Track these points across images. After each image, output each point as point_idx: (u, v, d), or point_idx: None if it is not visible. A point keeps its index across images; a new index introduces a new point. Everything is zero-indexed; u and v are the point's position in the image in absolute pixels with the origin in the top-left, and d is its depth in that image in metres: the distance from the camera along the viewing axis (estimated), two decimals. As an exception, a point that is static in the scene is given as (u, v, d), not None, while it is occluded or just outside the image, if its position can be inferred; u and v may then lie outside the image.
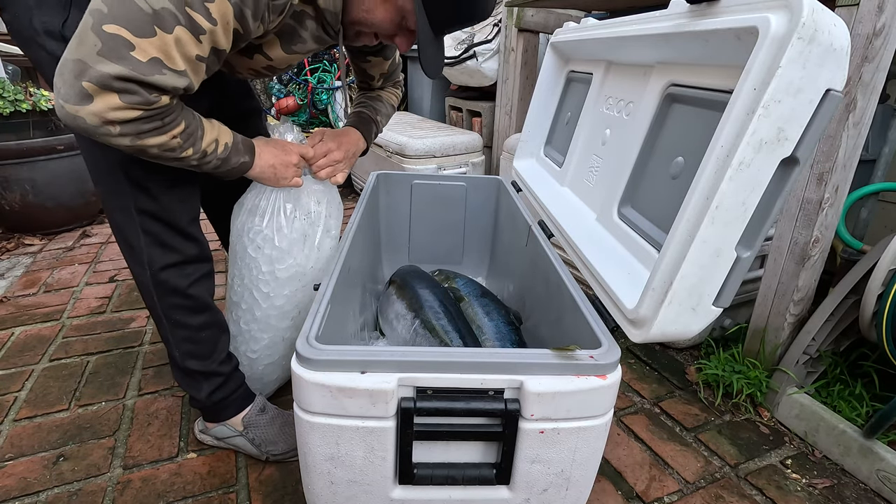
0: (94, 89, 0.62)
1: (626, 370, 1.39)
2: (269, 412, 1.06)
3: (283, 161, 0.91)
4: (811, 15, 0.48)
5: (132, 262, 0.90)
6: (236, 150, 0.83)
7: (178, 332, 0.95)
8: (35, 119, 2.11)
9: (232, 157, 0.82)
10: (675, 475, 1.06)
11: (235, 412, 1.03)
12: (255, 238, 0.99)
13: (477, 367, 0.62)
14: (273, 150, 0.90)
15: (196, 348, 0.96)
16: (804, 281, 1.18)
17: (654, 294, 0.61)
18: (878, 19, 0.96)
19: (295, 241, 1.01)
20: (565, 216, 1.02)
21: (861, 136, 1.07)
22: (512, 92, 2.26)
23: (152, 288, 0.90)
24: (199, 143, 0.76)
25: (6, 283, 1.81)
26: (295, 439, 1.00)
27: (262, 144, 0.89)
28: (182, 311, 0.93)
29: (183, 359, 0.96)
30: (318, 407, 0.61)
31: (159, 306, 0.92)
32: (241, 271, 1.03)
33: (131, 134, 0.67)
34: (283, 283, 1.02)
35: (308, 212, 1.01)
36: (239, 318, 1.07)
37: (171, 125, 0.71)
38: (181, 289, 0.91)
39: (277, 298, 1.03)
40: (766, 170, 0.54)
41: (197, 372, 0.97)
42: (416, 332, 1.11)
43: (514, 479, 0.67)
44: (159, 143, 0.71)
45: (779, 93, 0.50)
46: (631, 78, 0.97)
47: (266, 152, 0.89)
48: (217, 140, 0.79)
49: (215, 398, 1.00)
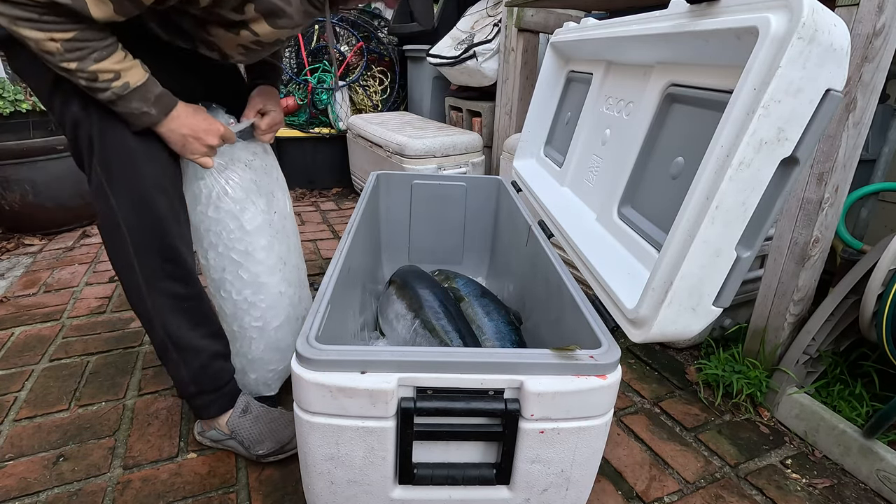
0: None
1: (626, 370, 1.39)
2: (253, 411, 1.04)
3: (198, 136, 0.88)
4: (811, 15, 0.48)
5: (109, 227, 0.88)
6: (143, 97, 0.79)
7: (161, 301, 0.92)
8: (35, 119, 2.11)
9: (133, 102, 0.79)
10: (675, 475, 1.06)
11: (219, 411, 1.02)
12: (210, 197, 0.98)
13: (477, 367, 0.62)
14: (194, 123, 0.87)
15: (179, 319, 0.94)
16: (804, 281, 1.18)
17: (654, 294, 0.61)
18: (878, 19, 0.96)
19: (249, 189, 1.01)
20: (565, 216, 1.02)
21: (861, 136, 1.07)
22: (512, 92, 2.26)
23: (133, 256, 0.88)
24: (89, 63, 0.72)
25: (6, 283, 1.81)
26: (282, 436, 1.01)
27: (186, 111, 0.86)
28: (166, 276, 0.91)
29: (165, 332, 0.93)
30: (318, 407, 0.61)
31: (140, 275, 0.89)
32: (212, 241, 1.01)
33: (6, 15, 0.66)
34: (255, 234, 1.01)
35: (247, 162, 1.02)
36: (230, 291, 1.04)
37: (50, 26, 0.68)
38: (164, 249, 0.90)
39: (258, 252, 1.02)
40: (766, 170, 0.54)
41: (180, 346, 0.95)
42: (416, 332, 1.11)
43: (514, 479, 0.67)
44: (34, 38, 0.68)
45: (779, 93, 0.50)
46: (631, 78, 0.97)
47: (185, 120, 0.86)
48: (118, 74, 0.75)
49: (193, 390, 0.99)
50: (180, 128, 0.86)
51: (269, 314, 1.07)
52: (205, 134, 0.88)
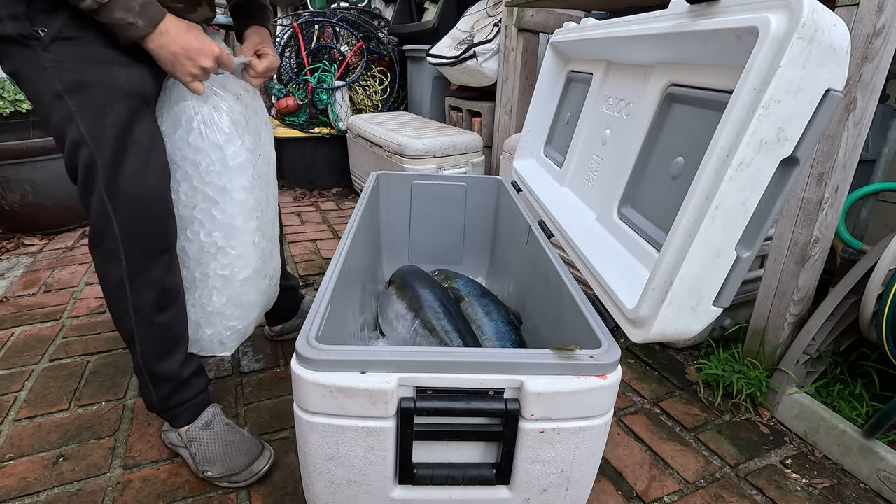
0: None
1: (626, 370, 1.39)
2: (216, 427, 0.99)
3: (191, 56, 0.80)
4: (811, 15, 0.48)
5: (103, 254, 0.86)
6: (126, 6, 0.73)
7: (149, 331, 0.91)
8: (35, 119, 2.11)
9: (116, 11, 0.72)
10: (675, 475, 1.06)
11: (187, 422, 0.99)
12: (192, 122, 0.89)
13: (477, 367, 0.62)
14: (186, 41, 0.79)
15: (166, 348, 0.94)
16: (804, 281, 1.18)
17: (654, 294, 0.61)
18: (878, 19, 0.96)
19: (238, 122, 0.92)
20: (565, 216, 1.02)
21: (861, 136, 1.07)
22: (512, 92, 2.26)
23: (126, 280, 0.87)
24: None
25: (6, 283, 1.81)
26: (234, 463, 0.96)
27: (177, 26, 0.79)
28: (155, 306, 0.90)
29: (149, 359, 0.93)
30: (318, 407, 0.61)
31: (131, 301, 0.88)
32: (187, 172, 0.91)
33: None
34: (237, 171, 0.93)
35: (238, 95, 0.94)
36: (197, 231, 0.94)
37: None
38: (158, 281, 0.89)
39: (237, 192, 0.93)
40: (766, 170, 0.54)
41: (156, 374, 0.95)
42: (416, 332, 1.11)
43: (514, 479, 0.67)
44: None
45: (779, 93, 0.50)
46: (631, 78, 0.97)
47: (176, 36, 0.78)
48: None
49: (170, 403, 0.98)
50: (170, 45, 0.78)
51: (238, 263, 0.99)
52: (197, 54, 0.80)
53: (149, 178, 0.84)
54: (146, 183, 0.84)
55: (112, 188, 0.82)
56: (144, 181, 0.84)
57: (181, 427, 1.00)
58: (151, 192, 0.85)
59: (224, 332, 1.04)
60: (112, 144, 0.80)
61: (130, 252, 0.86)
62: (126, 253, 0.86)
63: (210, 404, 1.03)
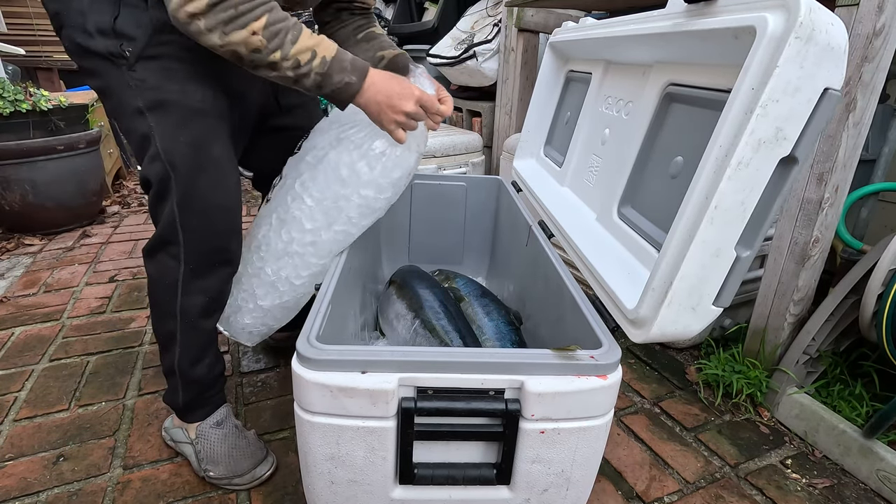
0: None
1: (627, 370, 1.39)
2: (226, 428, 1.00)
3: (392, 102, 0.81)
4: (808, 14, 0.48)
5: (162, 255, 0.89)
6: (340, 67, 0.77)
7: (191, 335, 0.93)
8: (35, 119, 2.11)
9: (335, 75, 0.76)
10: (675, 475, 1.06)
11: (200, 418, 1.00)
12: (377, 159, 0.88)
13: (477, 367, 0.62)
14: (388, 87, 0.81)
15: (202, 352, 0.96)
16: (804, 281, 1.18)
17: (653, 294, 0.61)
18: (878, 19, 0.96)
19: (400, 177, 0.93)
20: (565, 216, 1.02)
21: (861, 136, 1.07)
22: (512, 92, 2.26)
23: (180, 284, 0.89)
24: (288, 48, 0.73)
25: (6, 283, 1.81)
26: (238, 466, 0.97)
27: (380, 75, 0.81)
28: (203, 311, 0.92)
29: (185, 363, 0.95)
30: (319, 407, 0.61)
31: (180, 304, 0.90)
32: (327, 186, 0.91)
33: (216, 28, 0.69)
34: (365, 213, 0.93)
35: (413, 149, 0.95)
36: (294, 237, 0.94)
37: (247, 15, 0.70)
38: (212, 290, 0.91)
39: (352, 209, 0.92)
40: (764, 169, 0.54)
41: (190, 377, 0.96)
42: (416, 332, 1.11)
43: (515, 479, 0.67)
44: (242, 39, 0.70)
45: (777, 92, 0.50)
46: (630, 77, 0.97)
47: (380, 85, 0.80)
48: (314, 51, 0.74)
49: (193, 403, 0.99)
50: (376, 94, 0.81)
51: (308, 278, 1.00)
52: (399, 98, 0.82)
53: (219, 194, 0.87)
54: (216, 200, 0.87)
55: (184, 202, 0.84)
56: (214, 197, 0.86)
57: (193, 422, 1.01)
58: (221, 208, 0.88)
59: (261, 328, 1.06)
60: (187, 161, 0.83)
61: (191, 259, 0.88)
62: (186, 259, 0.88)
63: (224, 403, 1.04)
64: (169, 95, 0.81)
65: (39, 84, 3.47)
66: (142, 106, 0.81)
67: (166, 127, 0.82)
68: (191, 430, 1.01)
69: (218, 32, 0.70)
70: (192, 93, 0.82)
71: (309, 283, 1.00)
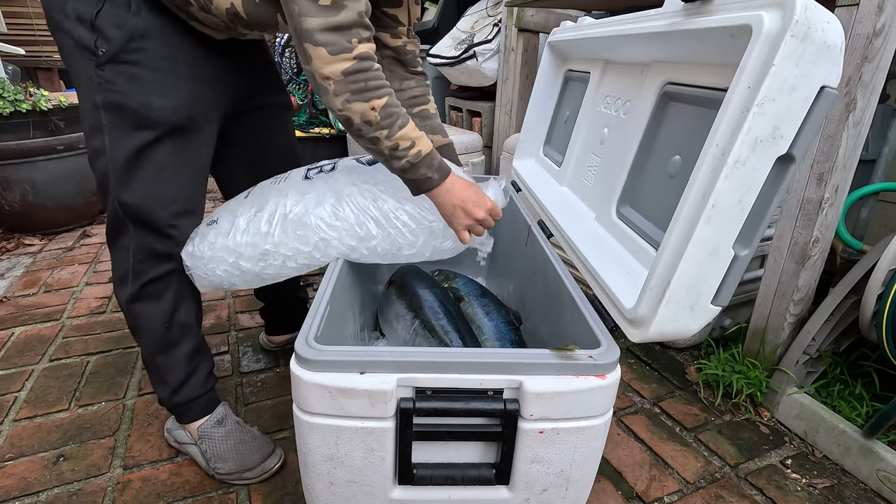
0: (309, 47, 0.71)
1: (626, 370, 1.39)
2: (227, 426, 1.02)
3: (466, 207, 0.88)
4: (804, 12, 0.48)
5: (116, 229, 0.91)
6: (429, 163, 0.83)
7: (143, 322, 0.95)
8: (35, 119, 2.11)
9: (421, 167, 0.83)
10: (675, 475, 1.06)
11: (196, 417, 1.01)
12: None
13: (476, 367, 0.62)
14: (465, 194, 0.88)
15: (165, 338, 0.96)
16: (804, 281, 1.18)
17: (652, 293, 0.61)
18: (878, 19, 0.96)
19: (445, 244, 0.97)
20: (564, 216, 1.02)
21: (861, 136, 1.07)
22: (512, 92, 2.26)
23: (131, 273, 0.91)
24: (395, 131, 0.79)
25: (6, 283, 1.81)
26: (246, 461, 0.97)
27: (460, 181, 0.88)
28: (153, 297, 0.94)
29: (149, 350, 0.97)
30: (318, 407, 0.61)
31: (130, 292, 0.93)
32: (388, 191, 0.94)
33: (342, 93, 0.74)
34: (390, 250, 0.95)
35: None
36: (318, 224, 0.93)
37: (373, 92, 0.75)
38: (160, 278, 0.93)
39: (365, 247, 0.94)
40: (761, 168, 0.54)
41: (160, 367, 0.98)
42: (415, 332, 1.11)
43: (514, 479, 0.67)
44: (361, 110, 0.76)
45: (773, 91, 0.50)
46: (628, 77, 0.97)
47: (458, 190, 0.87)
48: (414, 142, 0.81)
49: (177, 399, 0.99)
50: (452, 198, 0.87)
51: (303, 267, 0.98)
52: (473, 206, 0.88)
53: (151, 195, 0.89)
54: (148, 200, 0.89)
55: (121, 198, 0.87)
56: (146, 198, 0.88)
57: (191, 423, 1.01)
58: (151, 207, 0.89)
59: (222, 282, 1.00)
60: (125, 161, 0.85)
61: (138, 252, 0.91)
62: (134, 251, 0.91)
63: (220, 403, 1.05)
64: (129, 103, 0.82)
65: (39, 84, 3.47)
66: (99, 102, 0.82)
67: (118, 128, 0.84)
68: (193, 431, 1.01)
69: (342, 98, 0.74)
70: (154, 108, 0.83)
71: (298, 270, 0.98)
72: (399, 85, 1.12)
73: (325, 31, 0.71)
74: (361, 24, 0.74)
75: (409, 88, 1.13)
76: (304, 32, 0.71)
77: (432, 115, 1.16)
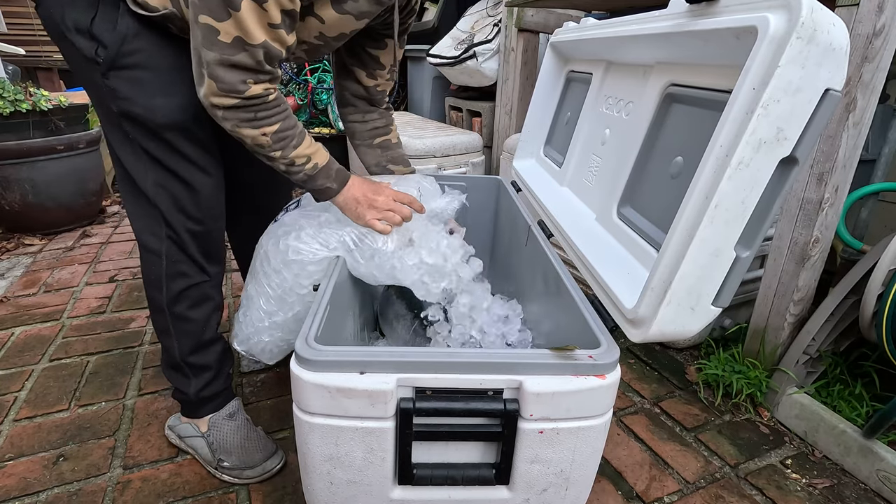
0: (204, 75, 0.73)
1: (626, 370, 1.39)
2: (238, 420, 1.04)
3: (367, 196, 0.92)
4: (810, 15, 0.48)
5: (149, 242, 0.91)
6: (326, 174, 0.88)
7: (182, 325, 0.96)
8: (35, 119, 2.11)
9: (319, 178, 0.87)
10: (675, 475, 1.06)
11: (213, 410, 1.03)
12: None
13: (475, 367, 0.62)
14: (364, 188, 0.93)
15: (197, 342, 0.98)
16: (804, 281, 1.18)
17: (652, 294, 0.61)
18: (878, 19, 0.96)
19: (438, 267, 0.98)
20: (565, 216, 1.02)
21: (861, 136, 1.07)
22: (512, 92, 2.26)
23: (164, 278, 0.92)
24: (289, 151, 0.82)
25: (6, 283, 1.81)
26: (249, 458, 0.98)
27: (357, 180, 0.93)
28: (189, 302, 0.95)
29: (185, 351, 0.98)
30: (318, 408, 0.61)
31: (166, 296, 0.94)
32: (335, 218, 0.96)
33: (231, 119, 0.76)
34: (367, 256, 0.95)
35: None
36: (288, 247, 0.95)
37: (263, 122, 0.78)
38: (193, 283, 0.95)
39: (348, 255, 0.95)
40: (765, 169, 0.54)
41: (194, 365, 0.99)
42: (415, 332, 1.11)
43: (514, 479, 0.67)
44: (251, 136, 0.79)
45: (778, 92, 0.50)
46: (630, 78, 0.97)
47: (357, 187, 0.92)
48: (309, 158, 0.85)
49: (204, 394, 1.01)
50: (351, 197, 0.92)
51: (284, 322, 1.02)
52: (373, 193, 0.93)
53: (192, 197, 0.90)
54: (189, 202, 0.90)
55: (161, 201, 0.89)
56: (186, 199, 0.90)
57: (204, 416, 1.03)
58: (195, 207, 0.92)
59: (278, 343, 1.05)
60: (157, 163, 0.87)
61: (170, 255, 0.92)
62: (167, 254, 0.92)
63: (235, 397, 1.07)
64: (136, 109, 0.82)
65: (39, 84, 3.47)
66: (116, 111, 0.83)
67: (142, 133, 0.85)
68: (202, 424, 1.02)
69: (231, 123, 0.77)
70: (158, 108, 0.83)
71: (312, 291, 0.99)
72: (361, 117, 1.16)
73: (220, 66, 0.72)
74: (260, 70, 0.74)
75: (371, 120, 1.16)
76: (202, 60, 0.72)
77: (394, 146, 1.18)
